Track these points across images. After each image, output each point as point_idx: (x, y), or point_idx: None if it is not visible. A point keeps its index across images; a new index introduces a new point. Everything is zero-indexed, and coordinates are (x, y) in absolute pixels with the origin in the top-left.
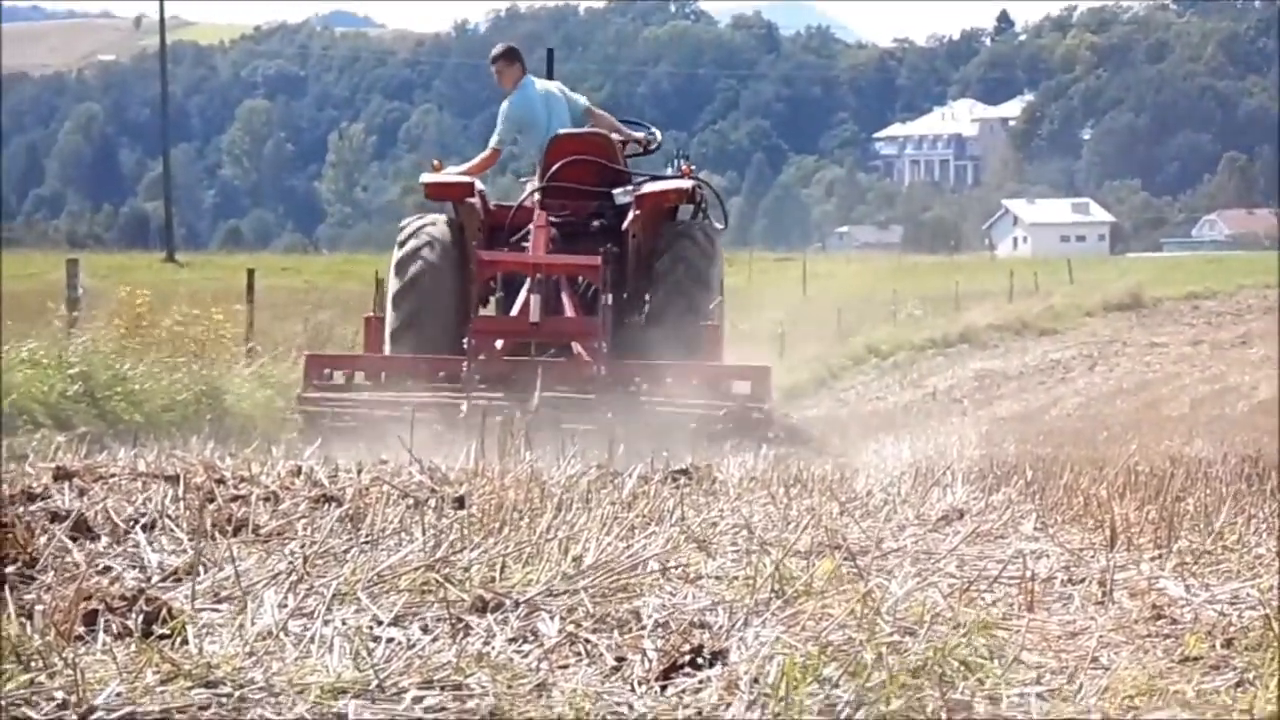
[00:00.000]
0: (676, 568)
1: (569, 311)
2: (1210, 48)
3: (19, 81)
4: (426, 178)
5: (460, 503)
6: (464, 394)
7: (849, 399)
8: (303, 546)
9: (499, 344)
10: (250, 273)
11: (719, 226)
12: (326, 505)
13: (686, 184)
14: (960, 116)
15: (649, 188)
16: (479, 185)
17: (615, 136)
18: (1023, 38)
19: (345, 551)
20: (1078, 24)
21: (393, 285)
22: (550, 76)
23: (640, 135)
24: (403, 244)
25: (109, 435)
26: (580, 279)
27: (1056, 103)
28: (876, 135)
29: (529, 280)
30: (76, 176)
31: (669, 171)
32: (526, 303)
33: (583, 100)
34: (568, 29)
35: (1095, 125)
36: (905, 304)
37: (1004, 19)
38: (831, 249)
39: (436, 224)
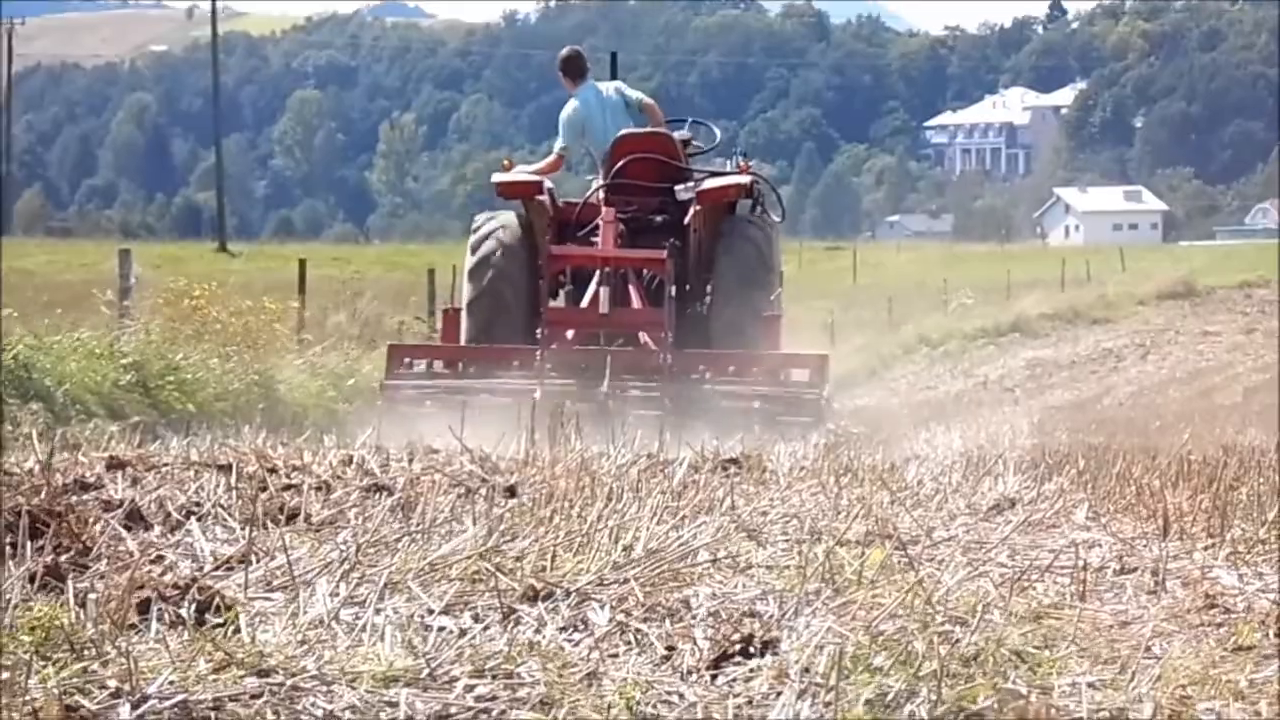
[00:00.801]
0: (727, 557)
1: (636, 303)
2: (1263, 36)
3: (71, 72)
4: (498, 177)
5: (511, 491)
6: (537, 381)
7: (900, 388)
8: (354, 535)
9: (570, 334)
10: (302, 263)
11: (776, 219)
12: (378, 494)
13: (745, 179)
14: (1011, 105)
15: (709, 184)
16: (547, 184)
17: (678, 135)
18: (1075, 25)
19: (397, 540)
20: (1130, 11)
21: (467, 284)
22: (614, 77)
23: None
24: (475, 246)
25: (161, 425)
26: (646, 272)
27: (1109, 91)
28: (927, 124)
29: (598, 273)
30: (129, 166)
31: (728, 167)
32: (596, 294)
33: (636, 95)
34: (617, 19)
35: (1147, 113)
36: (956, 293)
37: (1056, 6)
38: (882, 238)
39: (507, 221)
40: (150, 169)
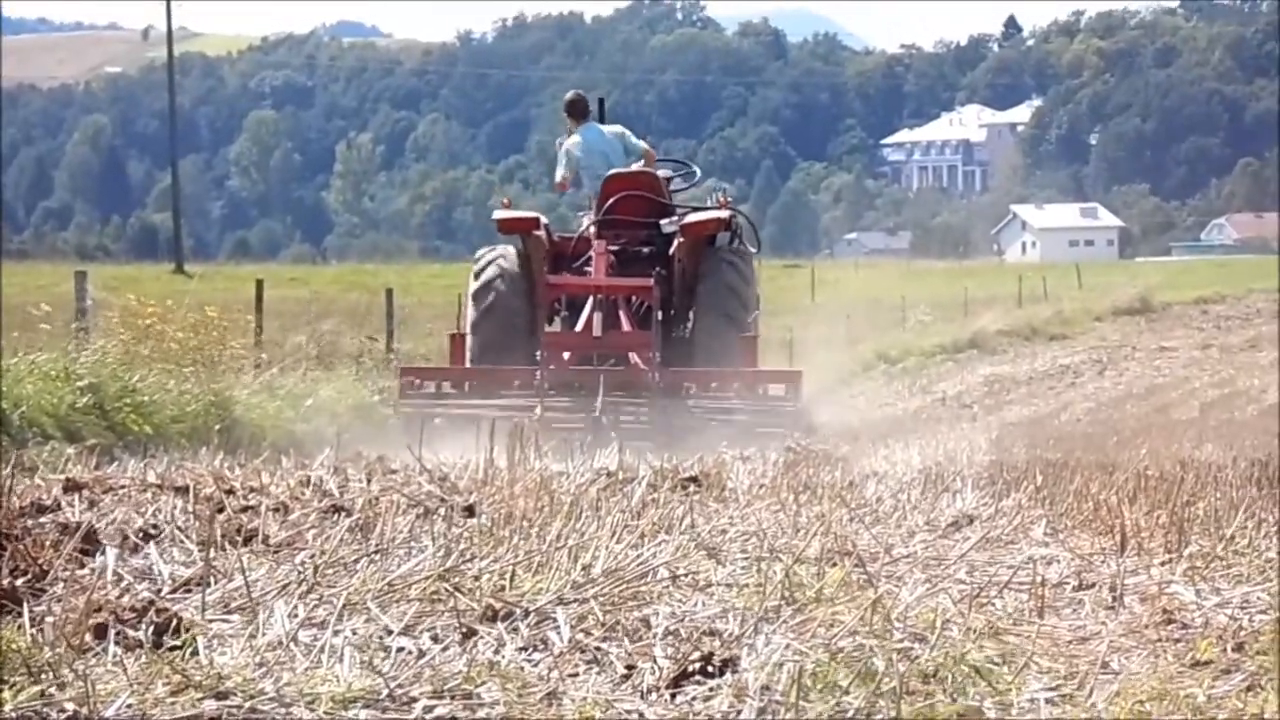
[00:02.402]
0: (686, 575)
1: (626, 326)
2: (1218, 52)
3: (27, 93)
4: (499, 214)
5: (470, 511)
6: (537, 399)
7: (858, 405)
8: (313, 556)
9: (566, 355)
10: (259, 283)
11: (753, 250)
12: (336, 515)
13: (724, 214)
14: (968, 122)
15: (691, 218)
16: (543, 220)
17: (661, 173)
18: (1030, 43)
19: (355, 561)
20: (1085, 29)
21: (470, 311)
22: (603, 121)
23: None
24: (478, 276)
25: (118, 447)
26: (635, 298)
27: (1064, 108)
28: (884, 141)
29: (591, 300)
30: (85, 188)
31: (709, 203)
32: (590, 319)
33: (642, 144)
34: (575, 38)
35: (1103, 130)
36: (914, 310)
37: (1011, 24)
38: (840, 255)
39: (507, 254)
40: (106, 191)
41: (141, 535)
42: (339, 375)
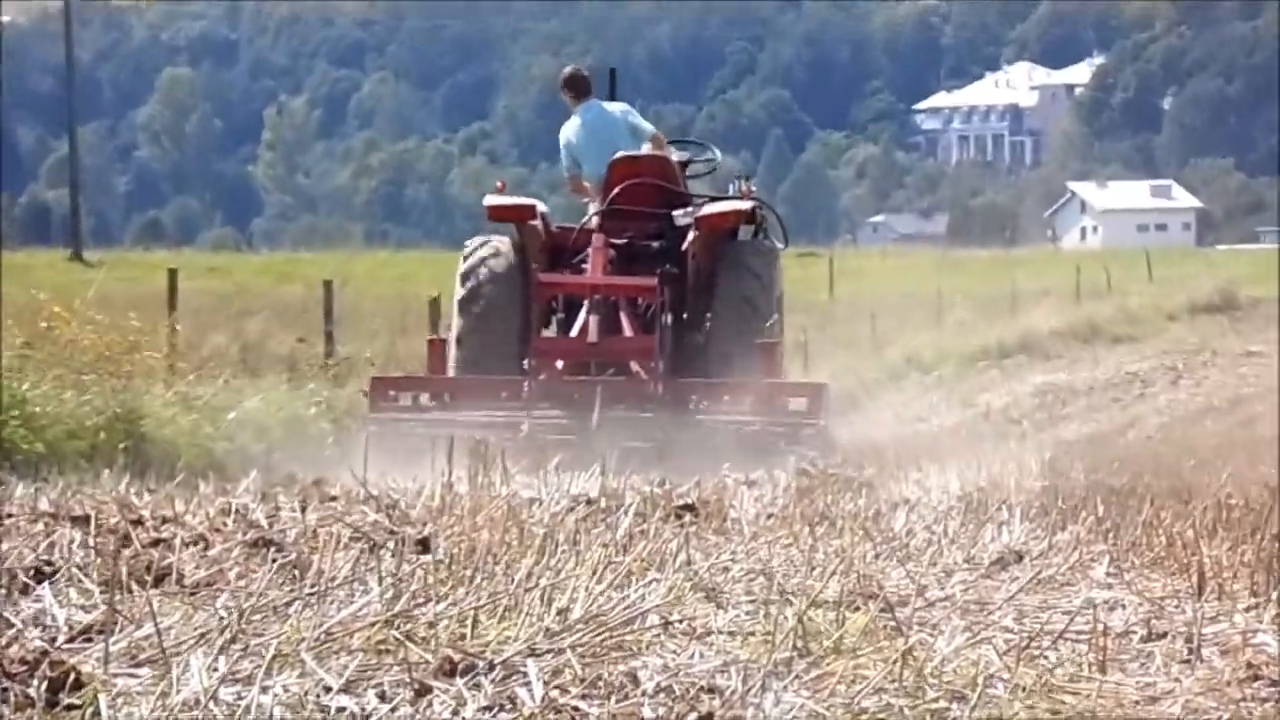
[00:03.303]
0: (681, 621)
1: (627, 331)
2: None
3: None
4: (490, 200)
5: (424, 545)
6: (525, 413)
7: (885, 420)
8: (237, 599)
9: (559, 364)
10: (172, 274)
11: (779, 246)
12: (265, 550)
13: (746, 205)
14: (1017, 83)
15: (709, 209)
16: (541, 207)
17: (675, 157)
18: None
19: (287, 605)
20: None
21: (455, 308)
22: (613, 97)
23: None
24: (466, 273)
25: (4, 469)
26: (640, 299)
27: (1131, 66)
28: (917, 107)
29: (587, 301)
30: None
31: (729, 191)
32: (585, 323)
33: (649, 127)
34: None
35: (1178, 93)
36: (952, 307)
37: None
38: (864, 242)
39: (499, 246)
40: None
41: (33, 574)
42: (267, 384)
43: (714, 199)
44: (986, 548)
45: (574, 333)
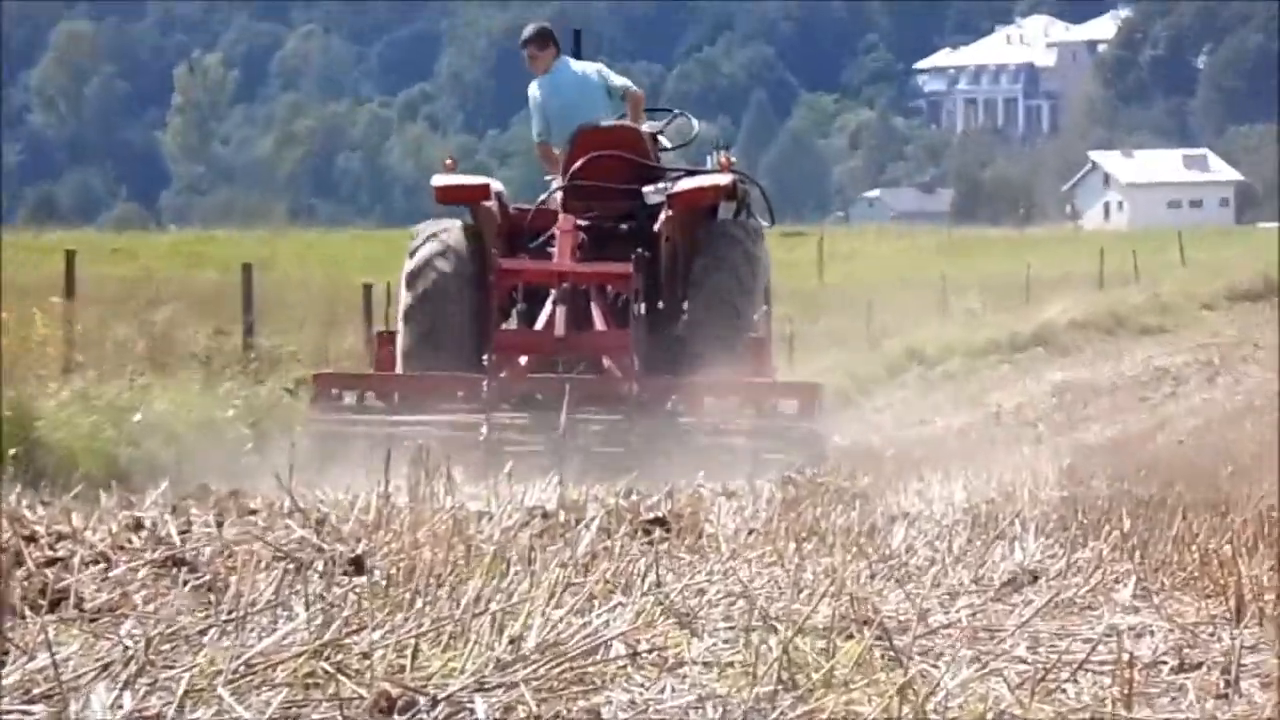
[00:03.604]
0: (650, 651)
1: (599, 324)
2: None
3: None
4: (438, 179)
5: (358, 565)
6: (484, 415)
7: (883, 422)
8: (143, 626)
9: (522, 360)
10: (70, 256)
11: (765, 225)
12: (175, 571)
13: (726, 179)
14: (1032, 39)
15: (684, 184)
16: (496, 186)
17: (646, 127)
18: None
19: (201, 633)
20: None
21: (404, 299)
22: (578, 56)
23: (672, 125)
24: (414, 253)
25: None
26: (610, 288)
27: (1162, 20)
28: (918, 66)
29: (554, 290)
30: None
31: (707, 164)
32: (552, 315)
33: (621, 81)
34: None
35: (1214, 51)
36: (959, 294)
37: None
38: (858, 220)
39: (451, 230)
40: None
41: None
42: (178, 382)
43: (690, 173)
44: (996, 567)
45: (539, 325)
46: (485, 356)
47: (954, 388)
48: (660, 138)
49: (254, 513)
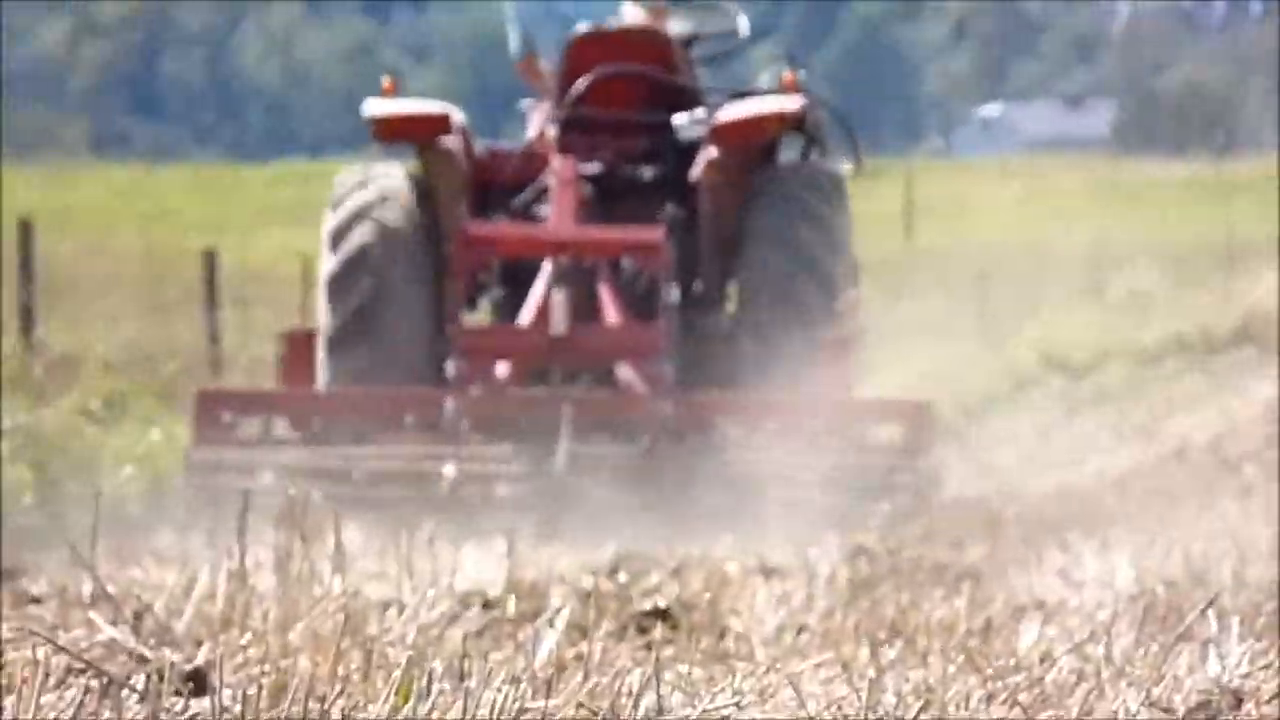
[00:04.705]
0: None
1: (612, 316)
2: None
3: None
4: (375, 106)
5: (198, 683)
6: (450, 448)
7: (1003, 462)
8: None
9: (501, 369)
10: None
11: (844, 169)
12: None
13: (794, 103)
14: None
15: (732, 112)
16: (457, 117)
17: (675, 29)
18: None
19: None
20: None
21: (325, 289)
22: None
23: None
24: (338, 228)
25: None
26: (624, 264)
27: None
28: None
29: (548, 268)
30: None
31: (762, 84)
32: (545, 303)
33: None
34: None
35: None
36: (1122, 264)
37: None
38: (966, 149)
39: (391, 175)
40: None
41: None
42: None
43: (738, 95)
44: (1181, 685)
45: (525, 319)
46: (448, 363)
47: (1114, 410)
48: (693, 43)
49: (37, 601)
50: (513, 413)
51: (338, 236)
